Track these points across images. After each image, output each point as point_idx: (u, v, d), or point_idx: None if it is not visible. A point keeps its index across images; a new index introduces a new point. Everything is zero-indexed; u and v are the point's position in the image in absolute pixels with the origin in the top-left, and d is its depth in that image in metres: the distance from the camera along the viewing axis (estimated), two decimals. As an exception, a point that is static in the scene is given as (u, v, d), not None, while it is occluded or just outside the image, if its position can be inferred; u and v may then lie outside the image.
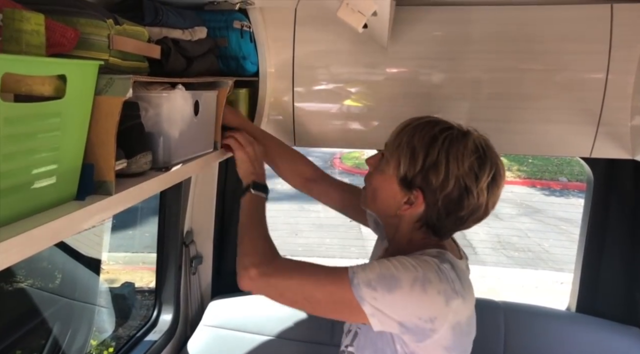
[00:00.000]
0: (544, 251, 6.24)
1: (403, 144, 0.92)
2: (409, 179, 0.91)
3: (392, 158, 0.94)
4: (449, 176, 0.88)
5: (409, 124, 0.95)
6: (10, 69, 0.51)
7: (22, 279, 1.74)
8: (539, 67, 1.36)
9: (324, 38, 1.40)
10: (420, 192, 0.91)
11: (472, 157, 0.89)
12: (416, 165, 0.90)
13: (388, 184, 0.95)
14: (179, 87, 0.91)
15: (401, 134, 0.94)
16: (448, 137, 0.90)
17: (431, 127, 0.92)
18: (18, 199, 0.57)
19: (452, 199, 0.89)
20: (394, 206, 0.95)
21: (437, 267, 0.86)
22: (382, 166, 0.97)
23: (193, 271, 1.84)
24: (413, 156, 0.90)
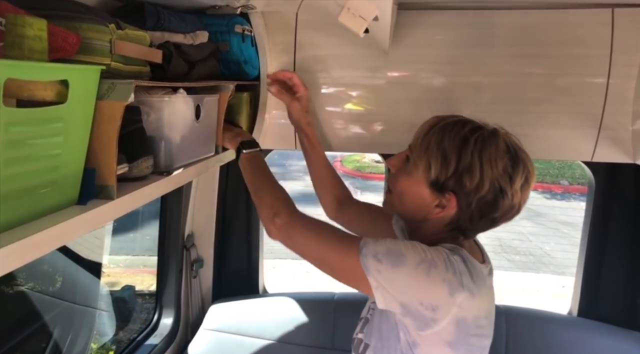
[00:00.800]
0: (545, 254, 6.23)
1: (432, 147, 0.90)
2: (441, 183, 0.89)
3: (420, 161, 0.91)
4: (483, 179, 0.86)
5: (435, 124, 0.93)
6: (12, 75, 0.51)
7: (23, 282, 1.74)
8: (540, 71, 1.36)
9: (325, 42, 1.41)
10: (453, 196, 0.89)
11: (504, 158, 0.87)
12: (448, 168, 0.88)
13: (416, 187, 0.93)
14: (180, 91, 0.92)
15: (428, 136, 0.91)
16: (479, 139, 0.88)
17: (460, 128, 0.90)
18: (20, 204, 0.57)
19: (487, 201, 0.88)
20: (424, 209, 0.93)
21: (446, 256, 0.85)
22: (409, 169, 0.94)
23: (194, 275, 1.84)
24: (445, 159, 0.88)
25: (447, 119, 0.94)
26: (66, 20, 0.71)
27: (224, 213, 1.86)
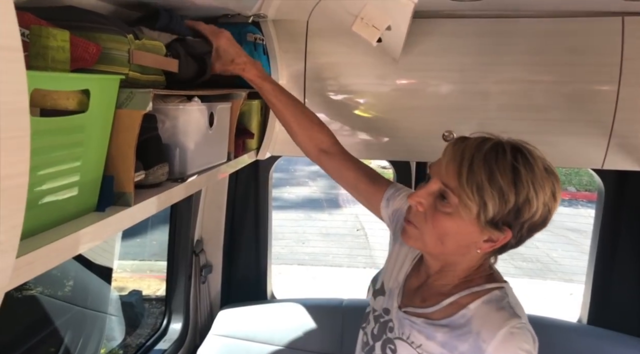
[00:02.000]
0: (553, 261, 6.19)
1: (485, 185, 0.81)
2: (497, 220, 0.84)
3: (472, 202, 0.82)
4: (539, 206, 0.83)
5: (473, 155, 0.84)
6: (38, 85, 0.52)
7: (35, 287, 1.75)
8: (549, 79, 1.37)
9: (335, 50, 1.42)
10: (508, 228, 0.85)
11: (549, 180, 0.84)
12: (507, 206, 0.82)
13: (464, 228, 0.85)
14: (194, 99, 0.93)
15: (474, 172, 0.82)
16: (527, 165, 0.83)
17: (502, 155, 0.83)
18: (42, 211, 0.58)
19: (536, 223, 0.86)
20: (470, 246, 0.88)
21: (525, 333, 0.85)
22: (454, 210, 0.85)
23: (203, 280, 1.85)
24: (502, 198, 0.82)
25: (479, 144, 0.85)
26: (87, 30, 0.72)
27: (232, 219, 1.87)
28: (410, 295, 0.99)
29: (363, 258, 5.99)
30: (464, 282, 0.93)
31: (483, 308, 0.87)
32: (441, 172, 0.87)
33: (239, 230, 1.88)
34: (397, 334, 0.95)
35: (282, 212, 7.33)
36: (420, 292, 0.98)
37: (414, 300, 0.97)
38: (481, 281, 0.92)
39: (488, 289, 0.90)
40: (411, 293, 0.99)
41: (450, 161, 0.86)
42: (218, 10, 1.18)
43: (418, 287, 0.99)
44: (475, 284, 0.91)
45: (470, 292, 0.90)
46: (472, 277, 0.93)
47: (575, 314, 1.79)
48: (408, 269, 1.04)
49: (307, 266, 5.83)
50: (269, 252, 1.92)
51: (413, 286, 1.00)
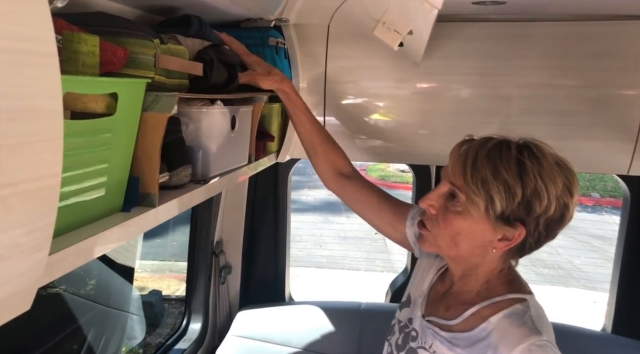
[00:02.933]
0: (576, 268, 6.07)
1: (489, 180, 0.82)
2: (507, 215, 0.83)
3: (479, 198, 0.83)
4: (551, 200, 0.82)
5: (477, 153, 0.85)
6: (70, 89, 0.54)
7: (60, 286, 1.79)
8: (573, 84, 1.35)
9: (355, 54, 1.43)
10: (521, 225, 0.84)
11: (560, 173, 0.84)
12: (515, 199, 0.82)
13: (477, 226, 0.86)
14: (218, 103, 0.95)
15: (477, 168, 0.83)
16: (533, 159, 0.83)
17: (507, 151, 0.84)
18: (71, 211, 0.60)
19: (554, 220, 0.85)
20: (485, 246, 0.88)
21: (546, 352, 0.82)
22: (463, 209, 0.85)
23: (222, 281, 1.87)
24: (509, 191, 0.82)
25: (484, 143, 0.86)
26: (115, 36, 0.74)
27: (252, 221, 1.89)
28: (435, 304, 0.99)
29: (381, 262, 5.97)
30: (485, 289, 0.92)
31: (504, 322, 0.86)
32: (449, 174, 0.88)
33: (258, 232, 1.90)
34: (420, 343, 0.95)
35: (300, 215, 7.35)
36: (445, 300, 0.97)
37: (439, 309, 0.97)
38: (503, 290, 0.91)
39: (510, 301, 0.89)
40: (436, 302, 0.99)
41: (456, 161, 0.87)
42: (241, 15, 1.20)
43: (443, 295, 0.99)
44: (496, 294, 0.90)
45: (492, 302, 0.89)
46: (493, 283, 0.92)
47: (600, 323, 1.75)
48: (433, 279, 1.04)
49: (325, 269, 5.83)
50: (288, 255, 1.93)
51: (438, 294, 1.00)
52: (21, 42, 0.36)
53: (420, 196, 1.99)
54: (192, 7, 1.00)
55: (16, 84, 0.36)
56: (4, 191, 0.37)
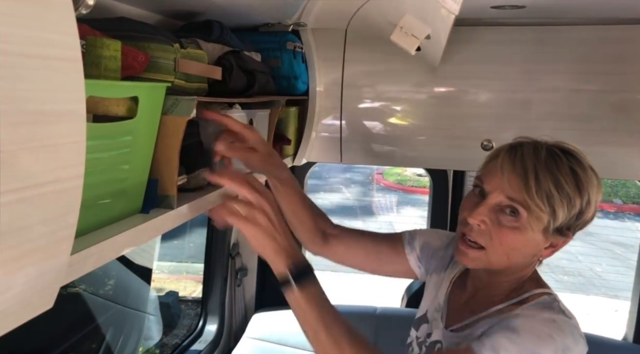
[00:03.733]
0: (597, 276, 5.95)
1: (554, 194, 0.80)
2: (562, 226, 0.83)
3: (543, 213, 0.80)
4: (596, 207, 0.84)
5: (534, 165, 0.82)
6: (93, 93, 0.56)
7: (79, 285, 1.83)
8: (593, 88, 1.33)
9: (373, 58, 1.43)
10: (570, 232, 0.85)
11: (596, 178, 0.84)
12: (573, 211, 0.82)
13: (532, 240, 0.84)
14: (235, 106, 0.96)
15: (540, 181, 0.80)
16: (582, 167, 0.83)
17: (560, 160, 0.82)
18: (92, 211, 0.61)
19: (588, 221, 0.86)
20: (533, 255, 0.87)
21: (570, 329, 0.79)
22: (523, 223, 0.82)
23: (238, 283, 1.88)
24: (570, 203, 0.81)
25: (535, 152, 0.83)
26: (136, 40, 0.76)
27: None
28: (457, 312, 0.97)
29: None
30: (515, 290, 0.90)
31: (530, 310, 0.84)
32: (503, 186, 0.83)
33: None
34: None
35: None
36: (469, 306, 0.95)
37: (463, 315, 0.94)
38: (530, 287, 0.90)
39: (537, 294, 0.88)
40: (458, 310, 0.97)
41: (511, 173, 0.82)
42: (260, 19, 1.21)
43: (466, 302, 0.97)
44: (524, 291, 0.89)
45: (520, 299, 0.88)
46: (522, 283, 0.91)
47: (621, 332, 1.71)
48: (448, 289, 1.02)
49: (340, 272, 5.81)
50: (304, 258, 1.93)
51: (460, 302, 0.98)
52: (47, 48, 0.37)
53: (436, 200, 1.98)
54: (212, 12, 1.02)
55: (42, 88, 0.37)
56: (29, 192, 0.38)
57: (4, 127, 0.34)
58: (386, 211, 8.78)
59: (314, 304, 0.81)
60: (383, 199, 9.38)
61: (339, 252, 1.13)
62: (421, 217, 7.23)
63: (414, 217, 8.00)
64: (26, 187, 0.37)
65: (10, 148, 0.35)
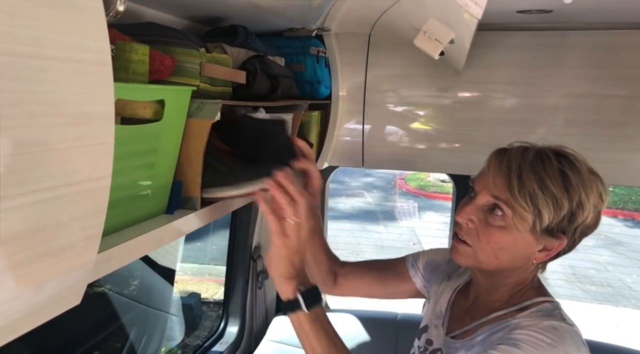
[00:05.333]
0: (626, 287, 5.78)
1: (537, 193, 0.80)
2: (552, 227, 0.82)
3: (526, 212, 0.81)
4: (590, 209, 0.82)
5: (519, 165, 0.83)
6: (121, 96, 0.57)
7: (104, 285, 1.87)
8: (622, 93, 1.30)
9: (396, 62, 1.43)
10: (564, 235, 0.83)
11: (595, 181, 0.83)
12: (561, 211, 0.81)
13: (520, 240, 0.84)
14: (260, 110, 0.97)
15: (524, 180, 0.81)
16: (573, 169, 0.82)
17: (549, 161, 0.82)
18: (120, 211, 0.63)
19: (589, 227, 0.85)
20: (525, 257, 0.86)
21: (571, 336, 0.78)
22: (508, 222, 0.83)
23: (259, 286, 1.89)
24: (557, 204, 0.80)
25: (523, 153, 0.84)
26: (163, 44, 0.78)
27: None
28: (459, 319, 0.97)
29: (418, 273, 5.86)
30: (514, 297, 0.89)
31: (530, 318, 0.83)
32: (489, 186, 0.85)
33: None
34: None
35: (337, 223, 7.34)
36: (470, 312, 0.95)
37: (463, 322, 0.95)
38: (531, 294, 0.89)
39: (538, 302, 0.87)
40: (459, 317, 0.97)
41: (496, 173, 0.84)
42: (284, 24, 1.22)
43: (467, 309, 0.97)
44: (525, 299, 0.88)
45: (520, 307, 0.87)
46: (523, 291, 0.90)
47: (650, 344, 1.66)
48: (450, 297, 1.02)
49: (361, 278, 5.79)
50: (324, 262, 1.93)
51: (461, 309, 0.98)
52: (80, 52, 0.38)
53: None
54: (237, 17, 1.04)
55: (74, 91, 0.39)
56: (60, 191, 0.39)
57: (39, 128, 0.35)
58: (408, 216, 8.71)
59: (322, 332, 0.81)
60: (405, 204, 9.32)
61: (347, 290, 1.17)
62: (444, 223, 7.15)
63: (436, 223, 7.91)
64: (57, 187, 0.39)
65: (44, 148, 0.36)
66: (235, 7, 0.97)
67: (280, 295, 0.83)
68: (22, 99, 0.33)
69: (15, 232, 0.36)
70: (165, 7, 0.91)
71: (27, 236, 0.37)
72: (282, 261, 0.81)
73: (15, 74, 0.32)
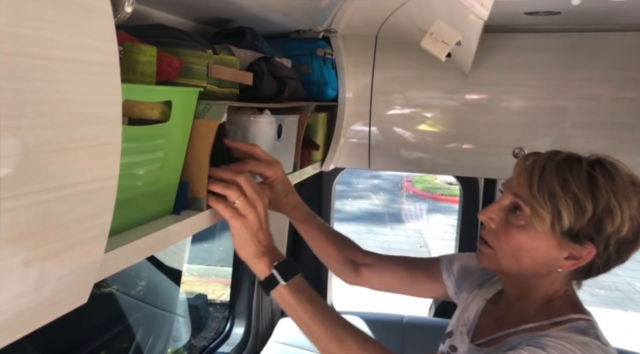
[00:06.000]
0: (635, 291, 5.72)
1: (557, 192, 0.78)
2: (575, 232, 0.78)
3: (545, 211, 0.78)
4: (624, 219, 0.77)
5: (544, 164, 0.81)
6: (129, 96, 0.58)
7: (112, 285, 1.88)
8: (632, 96, 1.29)
9: (403, 64, 1.43)
10: (591, 243, 0.79)
11: (635, 193, 0.79)
12: (584, 214, 0.77)
13: (541, 241, 0.81)
14: (265, 112, 0.97)
15: (544, 179, 0.79)
16: (606, 175, 0.79)
17: (577, 164, 0.80)
18: (126, 211, 0.63)
19: (626, 241, 0.80)
20: (549, 264, 0.83)
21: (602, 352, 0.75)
22: (527, 222, 0.81)
23: (265, 287, 1.90)
24: (578, 205, 0.77)
25: (552, 155, 0.82)
26: (171, 46, 0.78)
27: (295, 228, 1.90)
28: (486, 328, 0.94)
29: (425, 276, 5.84)
30: (546, 310, 0.85)
31: (562, 332, 0.79)
32: (512, 185, 0.85)
33: (301, 240, 1.91)
34: None
35: (344, 225, 7.33)
36: (499, 322, 0.92)
37: (491, 330, 0.92)
38: (565, 310, 0.84)
39: (572, 319, 0.82)
40: (487, 326, 0.94)
41: (521, 172, 0.83)
42: (291, 26, 1.22)
43: (497, 318, 0.94)
44: (558, 314, 0.84)
45: (552, 322, 0.83)
46: (555, 304, 0.86)
47: (660, 349, 1.64)
48: (480, 306, 0.99)
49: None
50: (330, 264, 1.93)
51: (491, 318, 0.95)
52: (87, 53, 0.39)
53: (467, 208, 1.95)
54: (244, 19, 1.04)
55: (81, 92, 0.39)
56: (67, 190, 0.40)
57: (46, 128, 0.36)
58: (415, 218, 8.69)
59: (305, 301, 0.81)
60: (412, 206, 9.29)
61: (372, 281, 1.14)
62: (451, 226, 7.11)
63: (443, 226, 7.88)
64: (64, 186, 0.39)
65: (51, 148, 0.37)
66: (242, 9, 0.97)
67: (258, 276, 0.83)
68: (29, 100, 0.34)
69: (22, 231, 0.36)
70: (173, 9, 0.92)
71: (33, 235, 0.37)
72: (248, 242, 0.82)
73: (21, 74, 0.32)
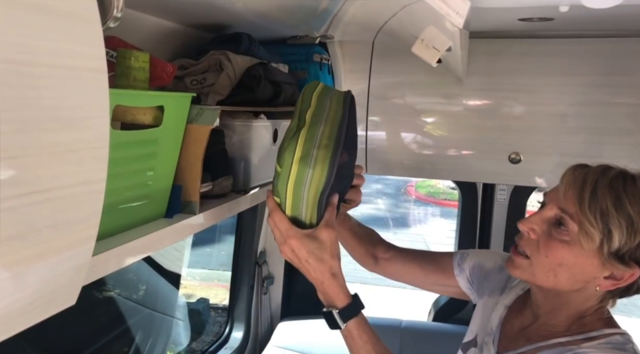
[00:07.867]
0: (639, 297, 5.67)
1: (611, 212, 0.74)
2: (622, 253, 0.75)
3: (595, 230, 0.75)
4: None
5: (596, 180, 0.77)
6: (120, 102, 0.59)
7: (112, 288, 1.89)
8: (629, 101, 1.29)
9: (399, 69, 1.44)
10: (637, 266, 0.76)
11: None
12: (636, 237, 0.74)
13: (584, 259, 0.77)
14: (261, 116, 0.98)
15: (597, 197, 0.75)
16: None
17: (632, 183, 0.76)
18: (118, 215, 0.64)
19: None
20: (587, 281, 0.79)
21: None
22: (573, 238, 0.77)
23: (264, 291, 1.90)
24: (632, 226, 0.74)
25: (604, 171, 0.79)
26: (165, 52, 0.79)
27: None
28: (512, 339, 0.91)
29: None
30: (578, 325, 0.82)
31: (598, 348, 0.76)
32: (558, 198, 0.80)
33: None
34: None
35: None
36: (526, 333, 0.89)
37: (517, 342, 0.89)
38: (599, 325, 0.81)
39: (608, 334, 0.79)
40: (512, 337, 0.91)
41: (569, 186, 0.79)
42: (288, 32, 1.23)
43: (522, 329, 0.91)
44: (591, 329, 0.81)
45: (587, 336, 0.80)
46: (588, 319, 0.83)
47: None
48: (502, 315, 0.96)
49: (370, 285, 5.76)
50: (330, 268, 1.94)
51: (515, 328, 0.93)
52: (73, 59, 0.40)
53: (465, 213, 1.95)
54: (241, 24, 1.05)
55: (68, 97, 0.40)
56: (54, 193, 0.40)
57: (32, 133, 0.37)
58: (418, 223, 8.67)
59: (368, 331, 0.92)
60: (415, 211, 9.27)
61: (390, 273, 1.18)
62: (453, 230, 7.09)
63: (446, 230, 7.86)
64: (50, 189, 0.40)
65: (37, 152, 0.38)
66: (239, 15, 0.99)
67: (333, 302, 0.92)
68: (15, 105, 0.35)
69: (9, 234, 0.37)
70: (170, 15, 0.93)
71: (20, 238, 0.38)
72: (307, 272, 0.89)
73: (7, 80, 0.33)
